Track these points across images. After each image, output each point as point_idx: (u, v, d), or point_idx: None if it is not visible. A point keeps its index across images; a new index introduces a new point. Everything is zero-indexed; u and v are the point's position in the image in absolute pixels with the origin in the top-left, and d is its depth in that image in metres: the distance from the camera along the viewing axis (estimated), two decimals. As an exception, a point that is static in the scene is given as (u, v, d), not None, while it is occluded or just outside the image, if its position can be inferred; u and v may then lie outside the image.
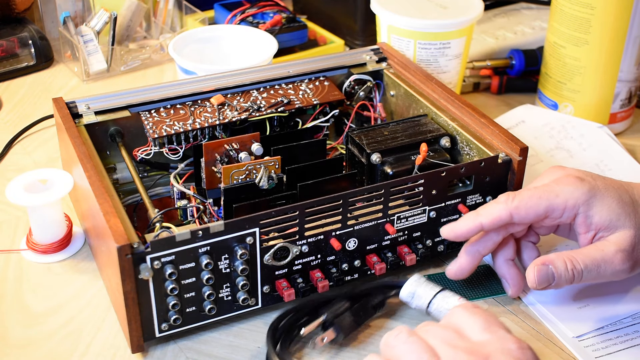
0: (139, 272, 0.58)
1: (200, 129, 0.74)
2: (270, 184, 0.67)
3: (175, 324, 0.62)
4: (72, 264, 0.73)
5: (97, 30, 1.04)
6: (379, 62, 0.85)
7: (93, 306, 0.68)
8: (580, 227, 0.62)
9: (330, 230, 0.65)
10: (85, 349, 0.64)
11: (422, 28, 0.88)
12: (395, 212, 0.67)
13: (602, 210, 0.60)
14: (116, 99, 0.75)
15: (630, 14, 0.86)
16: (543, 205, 0.61)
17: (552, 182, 0.63)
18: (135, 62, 1.08)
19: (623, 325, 0.65)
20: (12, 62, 1.07)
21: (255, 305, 0.65)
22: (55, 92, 1.03)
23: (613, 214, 0.60)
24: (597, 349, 0.63)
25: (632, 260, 0.60)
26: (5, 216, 0.79)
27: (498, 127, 0.71)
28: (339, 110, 0.80)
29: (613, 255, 0.60)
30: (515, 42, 1.08)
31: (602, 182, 0.62)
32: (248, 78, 0.80)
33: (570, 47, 0.91)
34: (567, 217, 0.61)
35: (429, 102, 0.78)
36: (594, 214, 0.60)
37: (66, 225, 0.75)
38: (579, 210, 0.60)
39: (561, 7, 0.90)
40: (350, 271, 0.68)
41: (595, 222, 0.61)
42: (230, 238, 0.60)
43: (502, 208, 0.62)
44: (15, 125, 0.95)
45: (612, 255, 0.60)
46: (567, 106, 0.94)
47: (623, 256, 0.60)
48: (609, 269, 0.59)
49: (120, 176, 0.76)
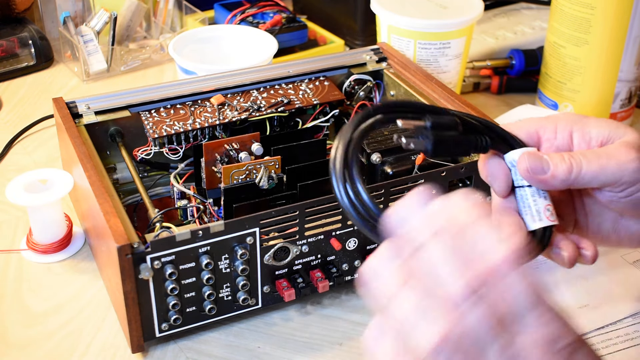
0: (139, 272, 0.58)
1: (200, 129, 0.74)
2: (270, 184, 0.67)
3: (175, 324, 0.62)
4: (72, 264, 0.73)
5: (97, 30, 1.04)
6: (379, 62, 0.85)
7: (93, 306, 0.68)
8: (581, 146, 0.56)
9: (330, 230, 0.65)
10: (85, 349, 0.64)
11: (422, 28, 0.88)
12: (395, 212, 0.67)
13: (599, 123, 0.55)
14: (116, 99, 0.75)
15: (630, 14, 0.86)
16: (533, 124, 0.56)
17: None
18: (135, 62, 1.08)
19: (623, 325, 0.65)
20: (12, 62, 1.07)
21: (255, 305, 0.65)
22: (55, 92, 1.03)
23: (611, 125, 0.55)
24: (597, 349, 0.63)
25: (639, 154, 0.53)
26: (5, 216, 0.79)
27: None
28: (339, 110, 0.80)
29: (616, 148, 0.54)
30: (515, 42, 1.08)
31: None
32: (248, 78, 0.80)
33: (570, 47, 0.91)
34: (561, 138, 0.56)
35: (429, 102, 0.78)
36: (591, 129, 0.55)
37: (66, 225, 0.75)
38: (573, 128, 0.55)
39: (561, 7, 0.90)
40: (350, 271, 0.68)
41: (594, 135, 0.55)
42: (231, 238, 0.60)
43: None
44: (15, 125, 0.95)
45: (615, 147, 0.54)
46: (567, 106, 0.94)
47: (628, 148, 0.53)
48: (612, 161, 0.53)
49: (120, 176, 0.76)
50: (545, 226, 0.52)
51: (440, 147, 0.50)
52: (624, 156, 0.53)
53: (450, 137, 0.51)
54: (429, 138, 0.50)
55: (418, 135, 0.50)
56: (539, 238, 0.52)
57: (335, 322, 0.66)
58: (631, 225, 0.58)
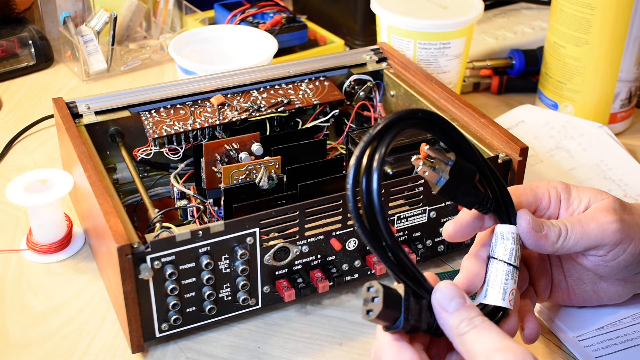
0: (139, 272, 0.58)
1: (200, 129, 0.74)
2: (270, 184, 0.67)
3: (175, 324, 0.62)
4: (72, 264, 0.73)
5: (97, 30, 1.04)
6: (379, 62, 0.85)
7: (93, 306, 0.68)
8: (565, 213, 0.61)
9: (330, 230, 0.65)
10: (85, 349, 0.64)
11: (422, 28, 0.88)
12: (395, 212, 0.67)
13: (580, 192, 0.60)
14: (116, 99, 0.75)
15: (630, 14, 0.86)
16: (530, 194, 0.60)
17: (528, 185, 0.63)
18: (135, 62, 1.08)
19: (623, 325, 0.65)
20: (12, 62, 1.07)
21: (255, 305, 0.65)
22: (55, 92, 1.03)
23: (591, 193, 0.60)
24: (597, 349, 0.63)
25: (617, 216, 0.58)
26: (5, 216, 0.79)
27: (498, 127, 0.71)
28: (339, 110, 0.80)
29: (595, 212, 0.58)
30: (515, 42, 1.08)
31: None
32: (248, 78, 0.80)
33: (570, 47, 0.91)
34: (554, 206, 0.60)
35: (429, 102, 0.78)
36: (574, 198, 0.60)
37: (66, 225, 0.75)
38: (561, 196, 0.60)
39: (561, 7, 0.90)
40: (350, 271, 0.68)
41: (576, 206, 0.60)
42: (231, 238, 0.60)
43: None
44: (15, 125, 0.95)
45: (593, 212, 0.58)
46: (567, 106, 0.94)
47: (606, 213, 0.58)
48: (592, 224, 0.57)
49: (120, 176, 0.76)
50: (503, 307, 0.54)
51: (448, 190, 0.51)
52: (603, 218, 0.57)
53: (463, 186, 0.52)
54: (444, 178, 0.50)
55: (434, 167, 0.51)
56: (490, 314, 0.53)
57: (335, 322, 0.66)
58: (610, 287, 0.63)
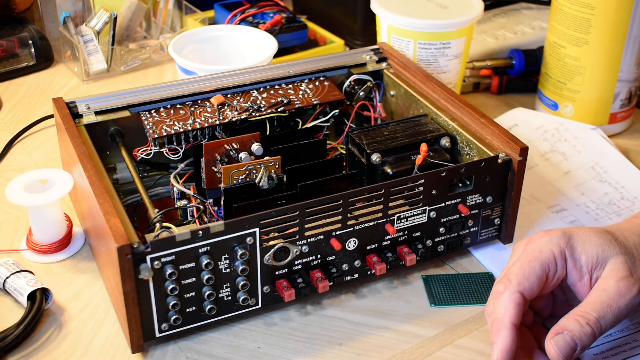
0: (139, 272, 0.58)
1: (200, 129, 0.74)
2: (270, 184, 0.67)
3: (175, 324, 0.62)
4: (72, 264, 0.73)
5: (97, 30, 1.04)
6: (379, 62, 0.85)
7: (93, 306, 0.68)
8: (573, 275, 0.60)
9: (330, 230, 0.65)
10: (85, 349, 0.64)
11: (422, 28, 0.88)
12: (395, 212, 0.67)
13: (585, 247, 0.59)
14: (116, 99, 0.75)
15: (630, 14, 0.86)
16: (537, 266, 0.59)
17: (525, 247, 0.61)
18: (135, 62, 1.08)
19: (630, 332, 0.65)
20: (12, 62, 1.07)
21: (255, 305, 0.65)
22: (55, 92, 1.03)
23: (597, 247, 0.59)
24: (607, 357, 0.63)
25: (638, 283, 0.58)
26: (5, 216, 0.79)
27: (498, 127, 0.71)
28: (339, 110, 0.80)
29: (616, 288, 0.57)
30: (515, 42, 1.08)
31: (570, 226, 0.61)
32: (248, 78, 0.80)
33: (570, 47, 0.91)
34: (561, 267, 0.59)
35: (429, 102, 0.78)
36: (580, 254, 0.59)
37: (66, 225, 0.75)
38: (566, 255, 0.59)
39: (561, 7, 0.90)
40: (350, 271, 0.68)
41: (584, 263, 0.59)
42: (230, 238, 0.60)
43: (509, 295, 0.58)
44: (15, 125, 0.95)
45: (615, 288, 0.57)
46: (567, 106, 0.94)
47: (626, 283, 0.57)
48: (621, 302, 0.57)
49: (120, 176, 0.76)
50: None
51: None
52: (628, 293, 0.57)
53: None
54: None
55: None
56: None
57: (335, 322, 0.66)
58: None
